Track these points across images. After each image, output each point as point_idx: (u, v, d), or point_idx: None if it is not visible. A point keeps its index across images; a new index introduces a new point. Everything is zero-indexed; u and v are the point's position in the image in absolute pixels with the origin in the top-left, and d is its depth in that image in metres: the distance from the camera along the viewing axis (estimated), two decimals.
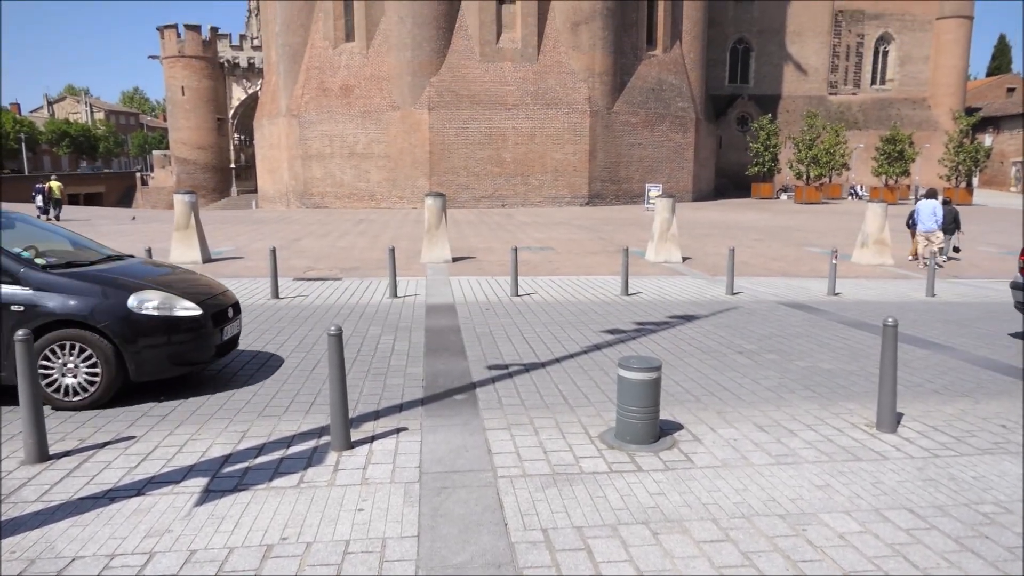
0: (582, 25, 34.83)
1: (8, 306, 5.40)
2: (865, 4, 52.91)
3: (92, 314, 5.51)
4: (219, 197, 57.60)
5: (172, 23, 55.58)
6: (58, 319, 5.47)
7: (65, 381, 5.49)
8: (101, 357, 5.49)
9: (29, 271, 5.55)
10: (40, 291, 5.49)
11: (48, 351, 5.44)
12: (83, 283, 5.67)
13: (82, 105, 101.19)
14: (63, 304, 5.49)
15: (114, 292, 5.68)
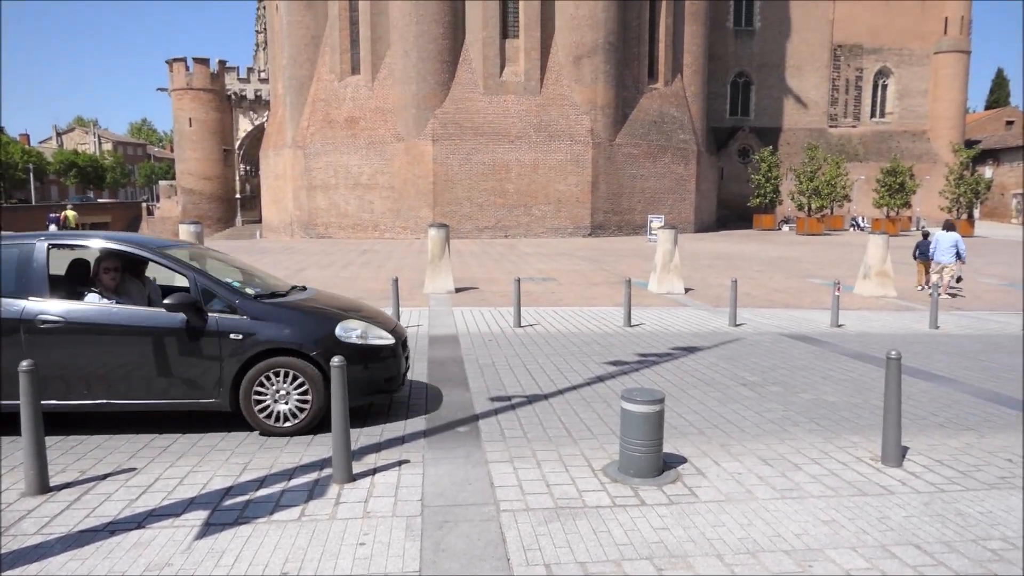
0: (584, 59, 35.34)
1: (227, 335, 5.55)
2: (863, 39, 53.64)
3: (305, 342, 5.69)
4: (224, 227, 57.97)
5: (181, 56, 56.52)
6: (273, 347, 5.63)
7: (277, 408, 5.65)
8: (312, 384, 5.65)
9: (244, 301, 5.74)
10: (255, 320, 5.65)
11: (262, 378, 5.61)
12: (293, 312, 5.89)
13: (90, 136, 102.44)
14: (278, 333, 5.66)
15: (323, 321, 5.91)
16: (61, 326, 5.41)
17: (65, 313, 5.45)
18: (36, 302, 5.44)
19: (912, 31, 53.78)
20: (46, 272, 5.57)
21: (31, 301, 5.44)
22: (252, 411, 5.62)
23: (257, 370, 5.59)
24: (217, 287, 5.74)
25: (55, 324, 5.41)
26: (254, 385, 5.60)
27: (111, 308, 5.62)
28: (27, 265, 5.54)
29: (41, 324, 5.39)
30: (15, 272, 5.53)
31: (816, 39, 52.95)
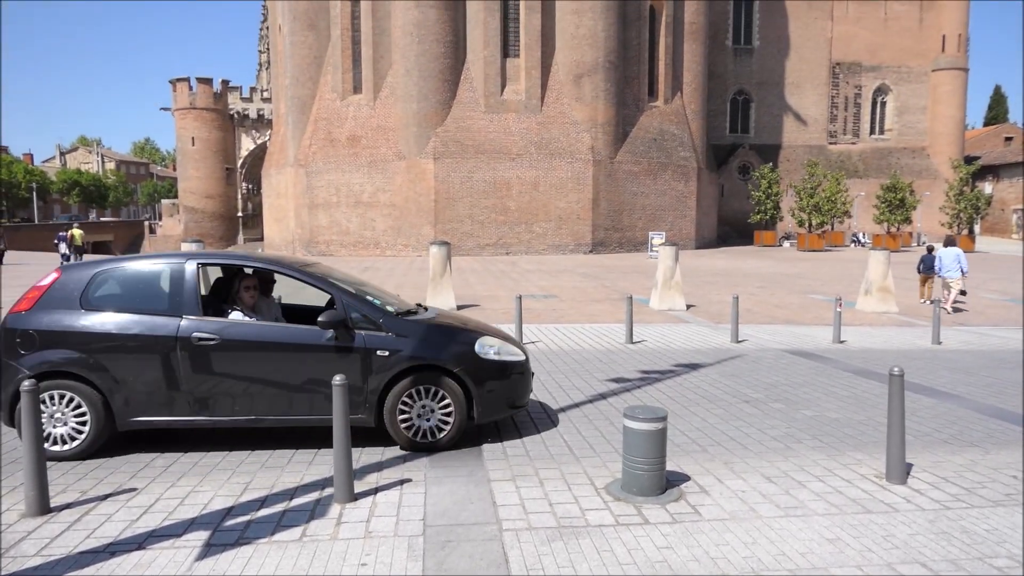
0: (584, 78, 35.61)
1: (374, 351, 5.65)
2: (862, 57, 54.04)
3: (448, 359, 5.78)
4: (226, 245, 58.15)
5: (184, 76, 56.99)
6: (417, 364, 5.72)
7: (421, 424, 5.74)
8: (455, 400, 5.74)
9: (389, 318, 5.84)
10: (400, 337, 5.75)
11: (406, 395, 5.71)
12: (434, 329, 5.99)
13: (94, 155, 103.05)
14: (422, 349, 5.75)
15: (463, 338, 5.99)
16: (216, 343, 5.52)
17: (220, 331, 5.57)
18: (191, 320, 5.56)
19: (910, 49, 54.20)
20: (197, 291, 5.70)
21: (186, 319, 5.56)
22: (397, 427, 5.72)
23: (402, 386, 5.69)
24: (362, 305, 5.84)
25: (210, 341, 5.51)
26: (399, 401, 5.70)
27: (264, 326, 5.78)
28: (179, 284, 5.67)
29: (197, 342, 5.50)
30: (168, 291, 5.67)
31: (815, 57, 53.36)
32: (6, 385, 5.43)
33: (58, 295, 5.59)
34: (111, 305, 5.63)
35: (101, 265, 5.83)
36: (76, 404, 5.44)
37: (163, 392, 5.50)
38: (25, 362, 5.42)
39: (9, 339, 5.50)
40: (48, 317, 5.52)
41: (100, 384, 5.45)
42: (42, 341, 5.47)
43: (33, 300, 5.59)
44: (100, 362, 5.45)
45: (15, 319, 5.56)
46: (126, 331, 5.51)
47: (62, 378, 5.44)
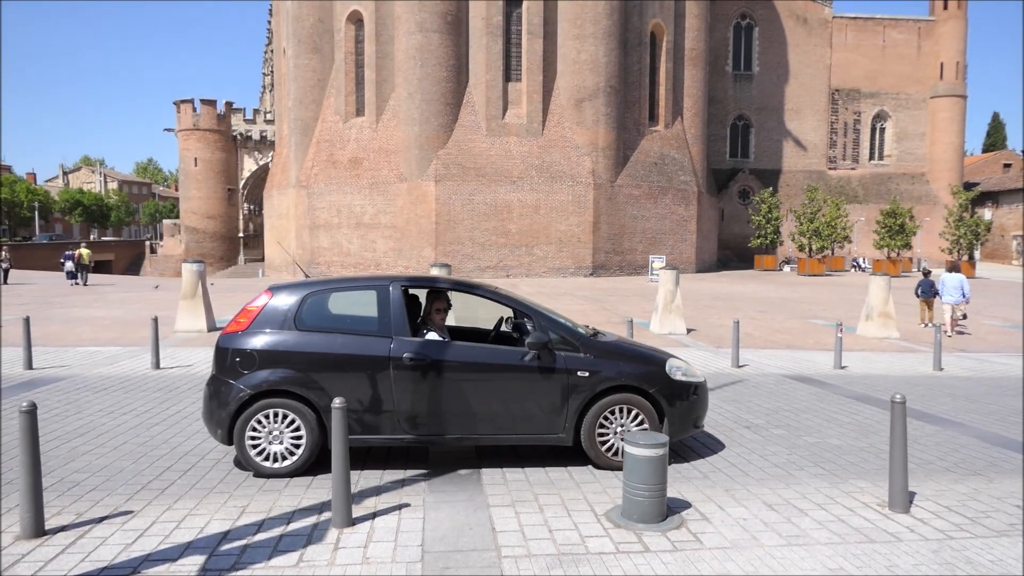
0: (586, 102, 35.90)
1: (575, 372, 5.81)
2: (860, 83, 54.52)
3: (644, 379, 5.96)
4: (227, 265, 58.21)
5: (188, 98, 57.47)
6: (615, 385, 5.89)
7: (618, 443, 5.88)
8: (650, 420, 5.93)
9: (585, 340, 6.02)
10: (598, 358, 5.92)
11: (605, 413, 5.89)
12: (628, 351, 6.23)
13: (96, 175, 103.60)
14: (620, 371, 5.94)
15: (655, 359, 6.19)
16: (427, 364, 5.68)
17: (429, 351, 5.75)
18: (401, 341, 5.73)
19: (908, 76, 54.72)
20: (405, 312, 5.88)
21: (396, 340, 5.72)
22: (596, 446, 5.88)
23: (600, 406, 5.85)
24: (559, 327, 6.01)
25: (421, 362, 5.66)
26: (598, 421, 5.85)
27: (471, 347, 5.98)
28: (387, 306, 5.86)
29: (408, 362, 5.65)
30: (377, 312, 5.87)
31: (814, 83, 53.84)
32: (226, 404, 5.56)
33: (271, 316, 5.78)
34: (322, 326, 5.84)
35: (311, 287, 6.04)
36: (292, 422, 5.61)
37: (374, 411, 5.67)
38: (245, 381, 5.58)
39: (228, 359, 5.67)
40: (264, 337, 5.70)
41: (316, 402, 5.60)
42: (260, 360, 5.63)
43: (248, 321, 5.78)
44: (316, 381, 5.61)
45: (231, 339, 5.74)
46: (340, 351, 5.69)
47: (279, 396, 5.61)
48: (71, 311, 18.73)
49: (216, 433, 5.64)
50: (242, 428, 5.54)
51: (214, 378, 5.73)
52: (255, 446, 5.58)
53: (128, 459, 6.07)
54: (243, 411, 5.56)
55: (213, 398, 5.66)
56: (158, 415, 7.70)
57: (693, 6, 40.89)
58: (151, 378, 9.83)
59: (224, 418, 5.55)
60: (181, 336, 14.04)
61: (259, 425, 5.57)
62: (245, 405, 5.56)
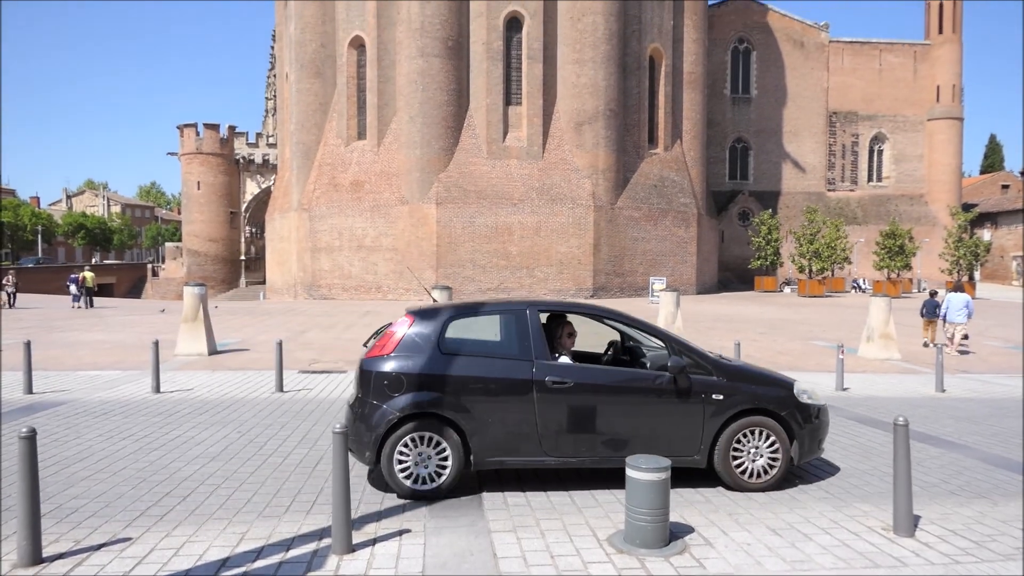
0: (585, 125, 36.16)
1: (710, 395, 5.95)
2: (858, 106, 54.96)
3: (776, 402, 6.06)
4: (228, 288, 58.27)
5: (192, 122, 57.93)
6: (748, 408, 6.00)
7: (752, 465, 6.00)
8: (782, 442, 6.01)
9: (716, 364, 6.14)
10: (731, 382, 6.06)
11: (738, 435, 5.98)
12: (758, 374, 6.33)
13: (100, 199, 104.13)
14: (752, 393, 6.05)
15: (783, 383, 6.29)
16: (568, 387, 5.79)
17: (571, 375, 5.85)
18: (543, 364, 5.85)
19: (905, 99, 55.17)
20: (543, 336, 6.00)
21: (537, 363, 5.84)
22: (730, 468, 5.96)
23: (734, 429, 5.95)
24: (692, 351, 6.13)
25: (563, 385, 5.78)
26: (731, 443, 5.94)
27: (610, 370, 6.14)
28: (526, 330, 5.98)
29: (551, 385, 5.77)
30: (517, 336, 5.99)
31: (812, 106, 54.27)
32: (375, 426, 5.66)
33: (415, 339, 5.89)
34: (464, 349, 5.98)
35: (451, 311, 6.19)
36: (437, 444, 5.71)
37: (518, 433, 5.76)
38: (393, 404, 5.69)
39: (376, 381, 5.77)
40: (410, 360, 5.80)
41: (463, 425, 5.70)
42: (408, 384, 5.73)
43: (393, 344, 5.88)
44: (462, 404, 5.72)
45: (377, 362, 5.84)
46: (484, 374, 5.81)
47: (426, 419, 5.71)
48: (72, 335, 18.72)
49: (363, 455, 5.72)
50: (390, 450, 5.64)
51: (360, 400, 5.83)
52: (403, 468, 5.67)
53: (127, 485, 6.04)
54: (391, 433, 5.66)
55: (360, 420, 5.76)
56: (157, 440, 7.67)
57: (691, 31, 41.35)
58: (151, 402, 9.80)
59: (373, 440, 5.64)
60: (182, 359, 14.02)
61: (405, 448, 5.67)
62: (394, 427, 5.67)
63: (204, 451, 7.22)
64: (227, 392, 10.65)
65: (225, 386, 11.16)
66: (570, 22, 36.07)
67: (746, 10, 53.72)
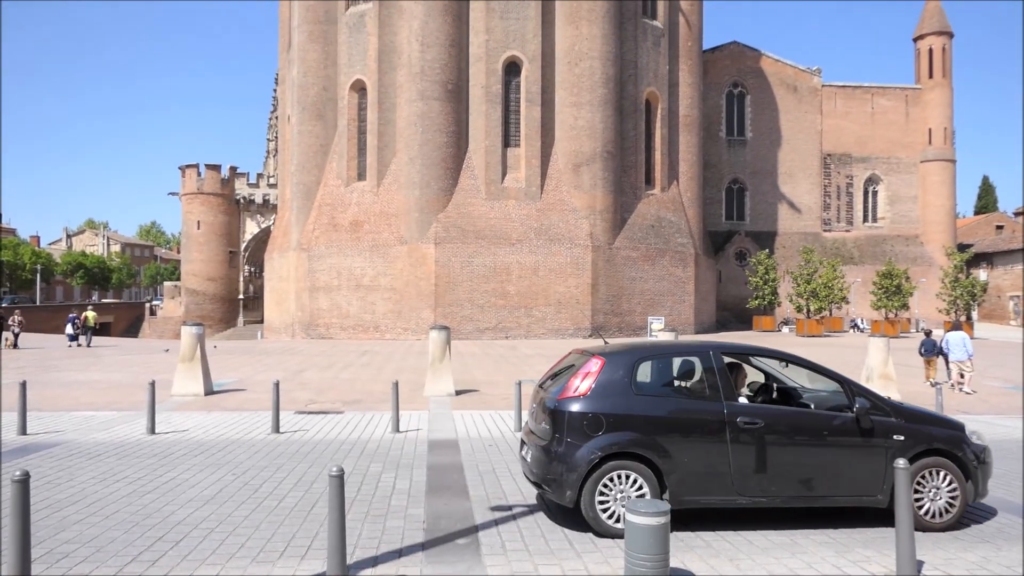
0: (583, 167, 36.59)
1: (891, 436, 6.13)
2: (851, 148, 55.71)
3: (952, 443, 6.24)
4: (226, 327, 58.15)
5: (194, 163, 58.54)
6: (927, 448, 6.18)
7: (933, 504, 6.14)
8: (959, 480, 6.17)
9: (893, 406, 6.37)
10: (909, 423, 6.26)
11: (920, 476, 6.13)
12: (930, 416, 6.57)
13: (100, 238, 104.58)
14: (930, 435, 6.25)
15: (956, 424, 6.52)
16: (758, 427, 5.97)
17: (761, 415, 6.04)
18: (733, 405, 6.04)
19: (898, 141, 55.97)
20: (729, 377, 6.22)
21: (727, 404, 6.02)
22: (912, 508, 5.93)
23: (915, 469, 6.06)
24: (870, 394, 6.33)
25: (754, 425, 5.95)
26: (914, 482, 6.04)
27: (796, 411, 6.26)
28: (712, 371, 6.19)
29: (742, 425, 5.94)
30: (704, 377, 6.20)
31: (806, 148, 55.01)
32: (576, 467, 5.75)
33: (609, 381, 6.05)
34: (654, 389, 6.26)
35: (640, 353, 6.41)
36: (635, 482, 5.81)
37: (711, 473, 5.88)
38: (593, 444, 5.81)
39: (574, 422, 5.88)
40: (607, 401, 5.95)
41: (659, 464, 5.82)
42: (607, 424, 5.86)
43: (588, 386, 6.02)
44: (659, 443, 5.85)
45: (573, 403, 5.96)
46: (678, 414, 6.01)
47: (624, 459, 5.83)
48: (69, 374, 18.63)
49: (564, 495, 5.80)
50: (592, 489, 5.74)
51: (556, 440, 5.91)
52: (604, 507, 5.77)
53: (119, 529, 5.96)
54: (592, 473, 5.75)
55: (559, 461, 5.84)
56: (151, 483, 7.59)
57: (686, 75, 42.17)
58: (146, 444, 9.71)
59: (575, 480, 5.74)
60: (178, 400, 13.93)
61: (606, 488, 5.78)
62: (595, 467, 5.76)
63: (198, 494, 7.14)
64: (223, 433, 10.57)
65: (221, 427, 11.08)
66: (567, 66, 36.78)
67: (740, 55, 54.83)
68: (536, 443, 6.20)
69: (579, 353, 6.84)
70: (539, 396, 6.67)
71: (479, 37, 36.41)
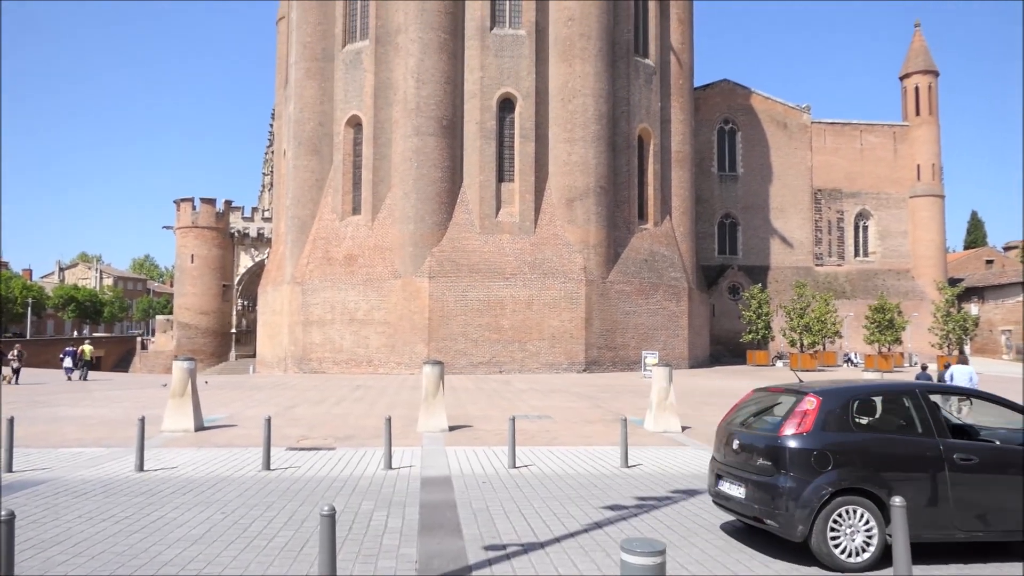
0: (576, 201, 36.88)
1: None
2: (841, 184, 56.40)
3: None
4: (217, 361, 57.76)
5: (189, 197, 58.74)
6: None
7: None
8: None
9: None
10: None
11: None
12: None
13: (92, 271, 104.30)
14: None
15: None
16: (974, 463, 6.18)
17: (974, 451, 6.26)
18: (948, 441, 6.25)
19: (887, 177, 56.74)
20: (940, 415, 6.47)
21: (941, 441, 6.23)
22: None
23: None
24: None
25: (968, 461, 6.17)
26: None
27: (1008, 448, 6.49)
28: (923, 409, 6.41)
29: (959, 461, 6.15)
30: (916, 416, 6.41)
31: (797, 183, 55.67)
32: (807, 502, 5.95)
33: (829, 418, 6.28)
34: (869, 426, 6.55)
35: (854, 391, 6.68)
36: (862, 516, 6.00)
37: (930, 508, 6.05)
38: (823, 480, 6.02)
39: (800, 459, 6.10)
40: (829, 437, 6.18)
41: (883, 499, 5.95)
42: (834, 460, 6.08)
43: (809, 422, 6.24)
44: (881, 479, 6.06)
45: (797, 440, 6.19)
46: (900, 451, 6.23)
47: (851, 494, 6.03)
48: (59, 410, 18.41)
49: (794, 530, 6.00)
50: (823, 524, 5.94)
51: (784, 476, 6.10)
52: (836, 542, 5.95)
53: (105, 569, 5.84)
54: (823, 508, 5.95)
55: (786, 497, 6.03)
56: (138, 522, 7.46)
57: (678, 112, 42.80)
58: (134, 481, 9.57)
59: (805, 516, 5.94)
60: (167, 436, 13.77)
61: (836, 523, 5.96)
62: (825, 502, 5.97)
63: (186, 533, 7.02)
64: (212, 470, 10.43)
65: (210, 464, 10.94)
66: (561, 103, 37.31)
67: (731, 93, 55.76)
68: (750, 478, 6.43)
69: (770, 392, 7.37)
70: (729, 432, 7.03)
71: (474, 74, 36.97)
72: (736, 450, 6.82)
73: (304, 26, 39.89)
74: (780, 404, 6.92)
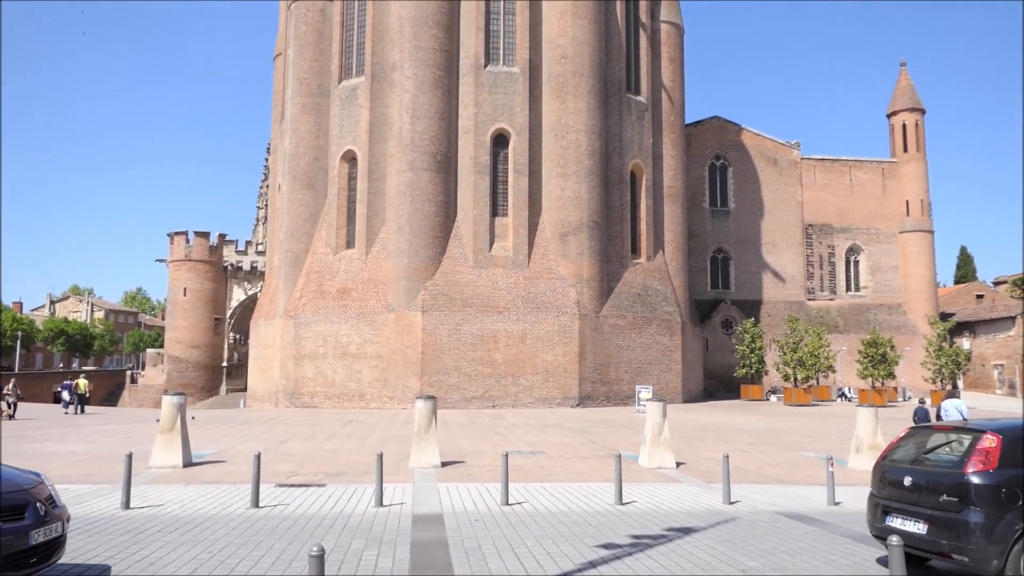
0: (570, 236, 37.09)
1: None
2: (832, 219, 56.96)
3: None
4: (208, 395, 57.20)
5: (183, 230, 58.77)
6: None
7: None
8: None
9: None
10: None
11: None
12: None
13: (83, 304, 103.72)
14: None
15: None
16: None
17: None
18: None
19: (876, 212, 57.36)
20: None
21: None
22: None
23: None
24: None
25: None
26: None
27: None
28: None
29: None
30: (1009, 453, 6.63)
31: (788, 219, 56.19)
32: (1002, 537, 6.15)
33: (1010, 454, 6.56)
34: None
35: None
36: None
37: None
38: (1015, 515, 6.23)
39: (990, 494, 6.33)
40: (1014, 474, 6.42)
41: None
42: (1023, 495, 6.30)
43: (994, 459, 6.52)
44: None
45: (985, 476, 6.42)
46: None
47: None
48: (46, 445, 18.15)
49: (989, 565, 6.16)
50: (1016, 561, 6.14)
51: (976, 512, 6.29)
52: None
53: None
54: (1017, 543, 6.15)
55: (978, 533, 6.23)
56: (123, 562, 7.30)
57: (670, 148, 43.37)
58: (119, 519, 9.39)
59: (1000, 551, 6.13)
60: (155, 472, 13.56)
61: None
62: (1019, 537, 6.15)
63: (172, 573, 6.86)
64: (200, 508, 10.26)
65: (198, 501, 10.76)
66: (554, 139, 37.76)
67: (722, 129, 56.58)
68: (932, 515, 6.63)
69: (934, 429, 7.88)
70: (894, 469, 7.39)
71: (468, 110, 37.43)
72: (909, 487, 7.03)
73: (301, 62, 40.44)
74: (952, 442, 7.24)
